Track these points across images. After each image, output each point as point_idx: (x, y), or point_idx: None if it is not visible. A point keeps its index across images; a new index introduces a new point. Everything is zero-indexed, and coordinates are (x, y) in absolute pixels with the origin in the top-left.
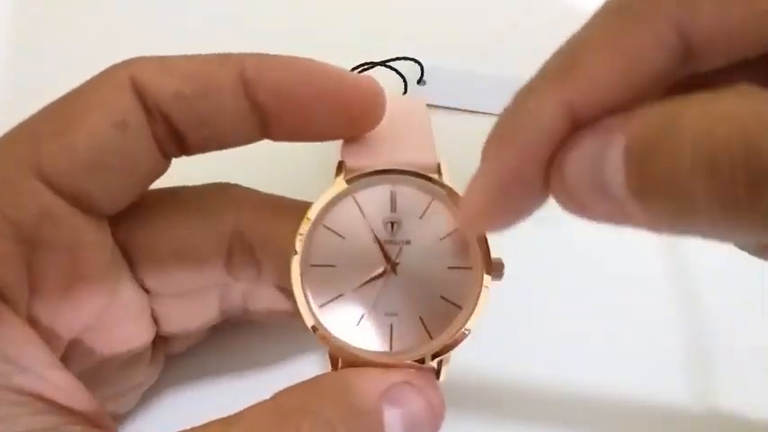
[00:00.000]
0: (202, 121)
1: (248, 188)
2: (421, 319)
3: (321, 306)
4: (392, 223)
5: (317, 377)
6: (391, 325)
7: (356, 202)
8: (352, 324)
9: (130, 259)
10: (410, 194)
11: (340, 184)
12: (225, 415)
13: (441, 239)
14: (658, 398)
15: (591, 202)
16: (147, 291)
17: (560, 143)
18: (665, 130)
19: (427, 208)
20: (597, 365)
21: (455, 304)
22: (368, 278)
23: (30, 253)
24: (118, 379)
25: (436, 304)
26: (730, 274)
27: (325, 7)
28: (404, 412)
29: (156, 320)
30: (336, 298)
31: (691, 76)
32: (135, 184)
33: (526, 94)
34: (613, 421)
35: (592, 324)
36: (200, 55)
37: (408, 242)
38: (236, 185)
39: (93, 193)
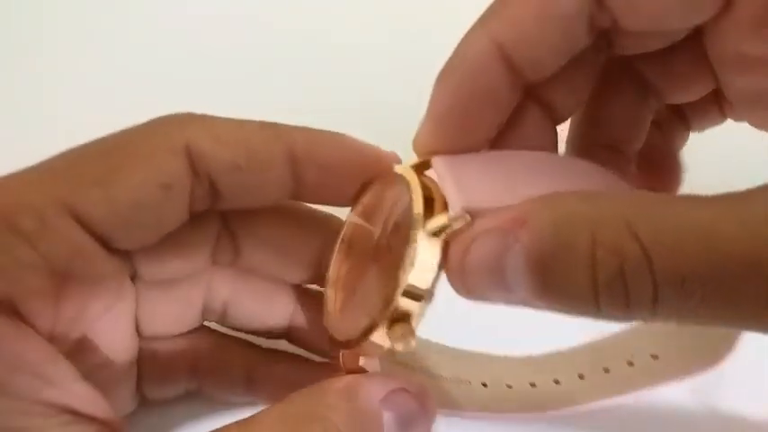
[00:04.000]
0: (246, 188)
1: None
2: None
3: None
4: None
5: (322, 384)
6: None
7: None
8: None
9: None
10: None
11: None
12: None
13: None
14: (658, 398)
15: (490, 294)
16: (134, 280)
17: (494, 74)
18: (561, 246)
19: None
20: None
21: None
22: None
23: (58, 284)
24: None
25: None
26: None
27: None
28: (397, 416)
29: (138, 325)
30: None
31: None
32: (159, 234)
33: (463, 38)
34: (613, 422)
35: (591, 323)
36: (250, 123)
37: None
38: None
39: (121, 240)
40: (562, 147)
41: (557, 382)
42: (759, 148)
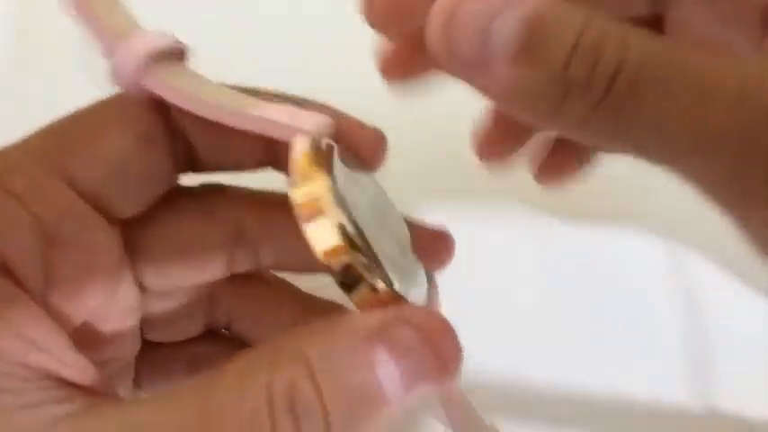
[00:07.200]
0: (219, 145)
1: (243, 187)
2: None
3: None
4: None
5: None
6: None
7: None
8: None
9: (133, 255)
10: None
11: None
12: None
13: None
14: (658, 398)
15: (466, 55)
16: (142, 290)
17: None
18: (556, 17)
19: None
20: (596, 365)
21: None
22: None
23: (49, 247)
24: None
25: None
26: (730, 272)
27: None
28: (401, 361)
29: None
30: None
31: None
32: (151, 194)
33: None
34: (613, 422)
35: (591, 323)
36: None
37: None
38: (230, 186)
39: (113, 200)
40: None
41: None
42: None
